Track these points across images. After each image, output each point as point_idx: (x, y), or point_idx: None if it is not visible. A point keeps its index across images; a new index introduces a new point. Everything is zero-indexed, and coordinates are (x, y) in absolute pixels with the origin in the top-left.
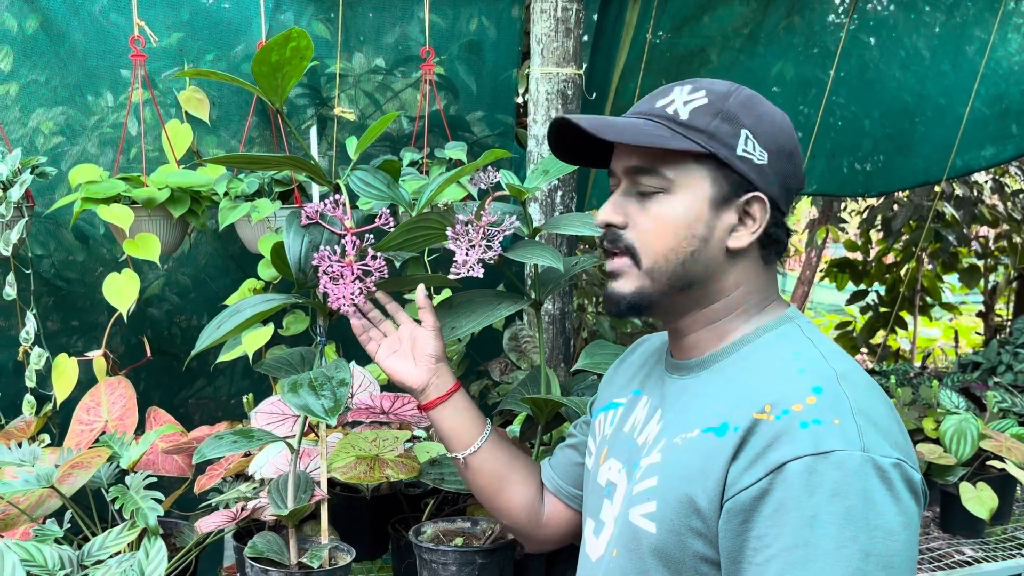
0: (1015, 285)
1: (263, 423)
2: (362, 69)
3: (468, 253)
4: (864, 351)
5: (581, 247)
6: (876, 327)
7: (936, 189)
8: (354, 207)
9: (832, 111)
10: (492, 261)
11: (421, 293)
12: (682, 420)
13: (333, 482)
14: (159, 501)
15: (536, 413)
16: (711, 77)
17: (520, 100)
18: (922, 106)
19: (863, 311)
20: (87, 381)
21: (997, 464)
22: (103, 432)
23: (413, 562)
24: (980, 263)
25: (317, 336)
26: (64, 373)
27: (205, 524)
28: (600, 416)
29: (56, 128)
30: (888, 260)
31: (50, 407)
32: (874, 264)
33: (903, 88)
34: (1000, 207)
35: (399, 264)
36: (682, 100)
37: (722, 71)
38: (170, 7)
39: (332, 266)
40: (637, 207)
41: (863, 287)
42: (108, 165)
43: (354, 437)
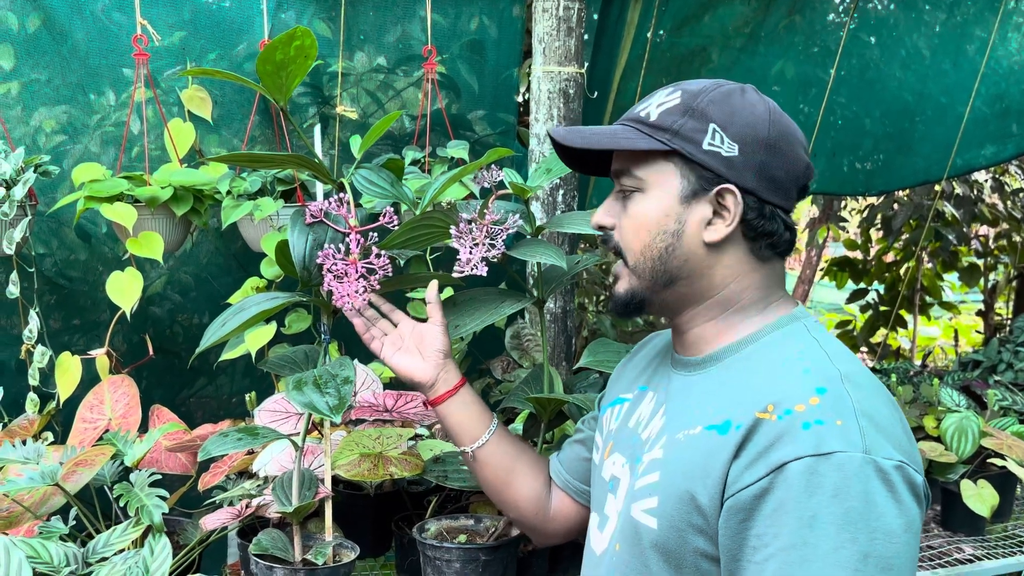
0: (1015, 284)
1: (267, 421)
2: (364, 68)
3: (472, 251)
4: (864, 350)
5: (582, 246)
6: (876, 326)
7: (936, 188)
8: (357, 205)
9: (833, 110)
10: (496, 259)
11: (432, 289)
12: (685, 416)
13: (336, 480)
14: (163, 498)
15: (539, 411)
16: (712, 76)
17: (520, 99)
18: (923, 105)
19: (863, 310)
20: (89, 379)
21: (998, 462)
22: (106, 430)
23: (416, 559)
24: (980, 262)
25: (321, 334)
26: (67, 371)
27: (209, 521)
28: (607, 411)
29: (58, 127)
30: (888, 259)
31: (53, 405)
32: (874, 263)
33: (904, 87)
34: (1000, 206)
35: (403, 262)
36: (657, 103)
37: (723, 70)
38: (172, 6)
39: (336, 264)
40: (621, 208)
41: (863, 286)
42: (110, 164)
43: (358, 435)
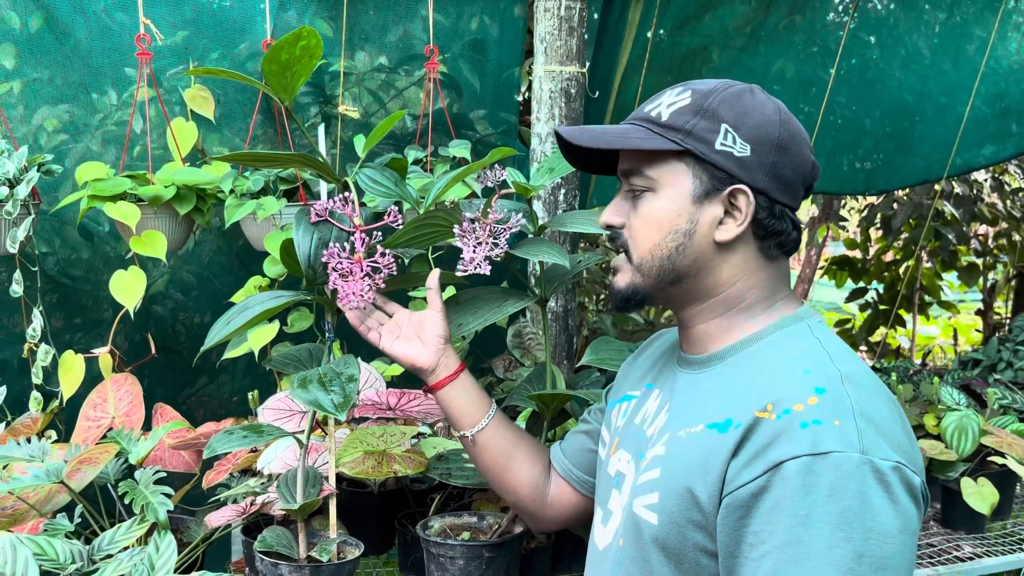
0: (1014, 283)
1: (270, 419)
2: (365, 67)
3: (475, 250)
4: (863, 349)
5: (581, 245)
6: (875, 325)
7: (936, 187)
8: (360, 204)
9: (833, 110)
10: (499, 258)
11: (433, 277)
12: (687, 414)
13: (340, 477)
14: (168, 496)
15: (542, 409)
16: (712, 76)
17: (520, 98)
18: (922, 105)
19: (862, 309)
20: (91, 378)
21: (998, 460)
22: (110, 428)
23: (419, 556)
24: (979, 261)
25: (326, 333)
26: (71, 370)
27: (215, 519)
28: (615, 408)
29: (60, 126)
30: (887, 258)
31: (56, 404)
32: (873, 262)
33: (904, 87)
34: (999, 205)
35: (408, 261)
36: (667, 103)
37: (723, 70)
38: (173, 5)
39: (342, 263)
40: (630, 207)
41: (862, 285)
42: (111, 163)
43: (361, 433)
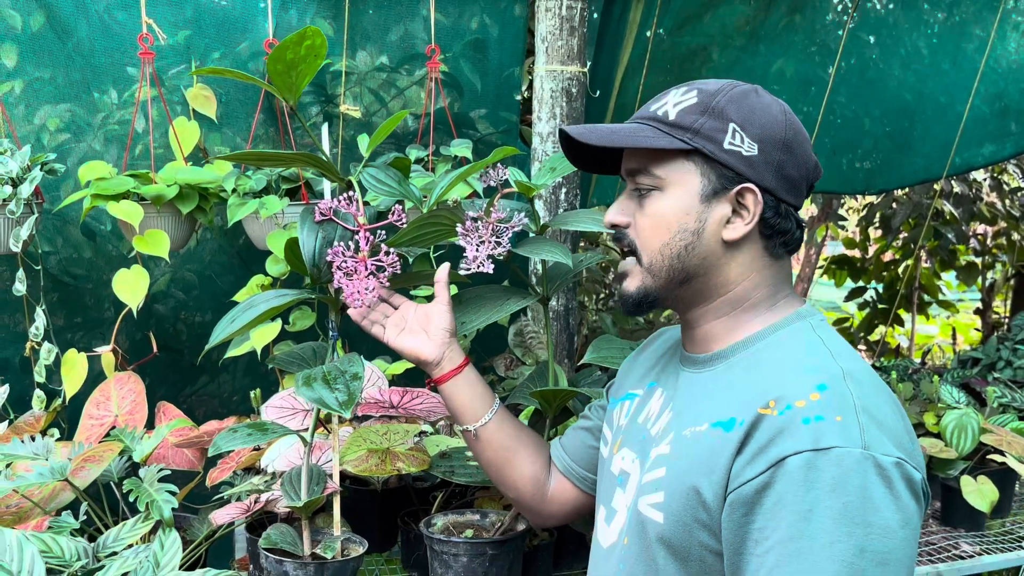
0: (1013, 282)
1: (273, 417)
2: (366, 67)
3: (478, 249)
4: (862, 348)
5: (582, 244)
6: (874, 324)
7: (935, 187)
8: (364, 203)
9: (832, 109)
10: (501, 257)
11: (443, 271)
12: (691, 413)
13: (343, 475)
14: (173, 493)
15: (544, 407)
16: (713, 76)
17: (520, 97)
18: (922, 104)
19: (861, 308)
20: (92, 377)
21: (997, 458)
22: (113, 427)
23: (422, 554)
24: (978, 260)
25: (329, 331)
26: (74, 368)
27: (219, 516)
28: (617, 406)
29: (61, 125)
30: (887, 257)
31: (59, 402)
32: (872, 261)
33: (903, 86)
34: (998, 205)
35: (411, 260)
36: (674, 102)
37: (723, 69)
38: (175, 5)
39: (346, 262)
40: (637, 207)
41: (861, 284)
42: (113, 162)
43: (365, 431)
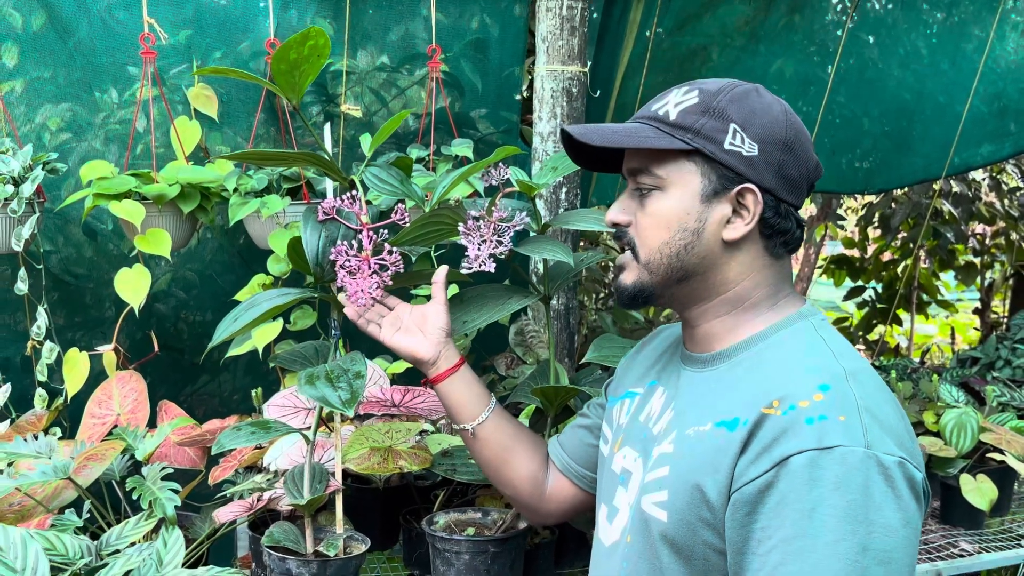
0: (1012, 282)
1: (275, 416)
2: (367, 67)
3: (480, 248)
4: (861, 347)
5: (582, 244)
6: (872, 323)
7: (934, 186)
8: (367, 202)
9: (832, 109)
10: (503, 256)
11: (441, 272)
12: (695, 412)
13: (345, 473)
14: (176, 491)
15: (546, 405)
16: (712, 75)
17: (520, 97)
18: (921, 104)
19: (859, 307)
20: (93, 376)
21: (997, 456)
22: (115, 425)
23: (424, 552)
24: (977, 260)
25: (332, 330)
26: (75, 367)
27: (222, 514)
28: (617, 405)
29: (63, 124)
30: (885, 257)
31: (61, 401)
32: (872, 261)
33: (902, 86)
34: (997, 204)
35: (414, 259)
36: (675, 102)
37: (723, 69)
38: (175, 4)
39: (349, 260)
40: (638, 205)
41: (860, 284)
42: (114, 161)
43: (367, 429)
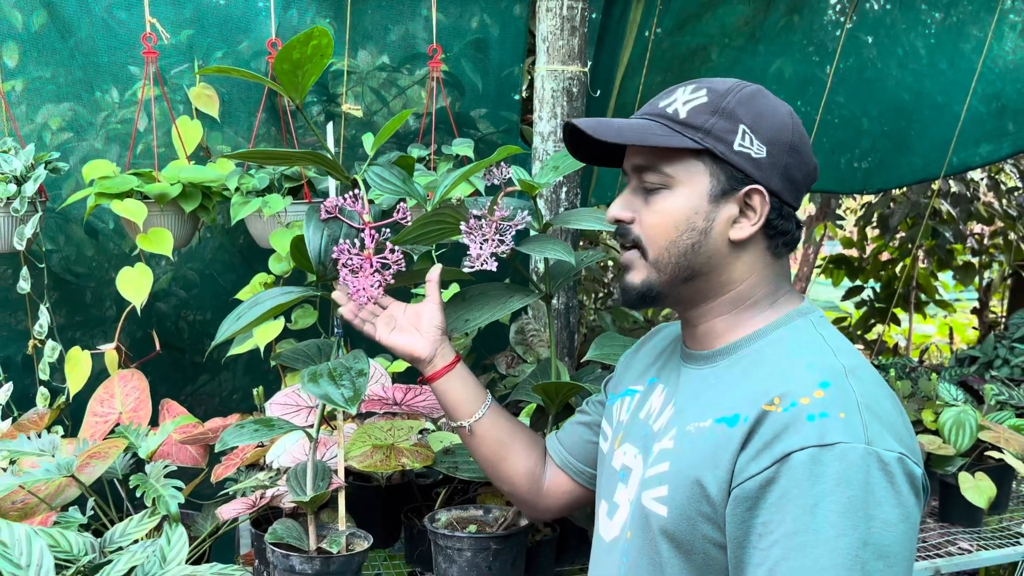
0: (1010, 281)
1: (277, 414)
2: (367, 66)
3: (482, 247)
4: (859, 346)
5: (582, 243)
6: (871, 323)
7: (933, 186)
8: (369, 201)
9: (830, 109)
10: (504, 255)
11: (434, 271)
12: (695, 409)
13: (347, 471)
14: (179, 489)
15: (547, 403)
16: (712, 75)
17: (519, 97)
18: (920, 104)
19: (858, 307)
20: (94, 375)
21: (995, 455)
22: (117, 423)
23: (426, 549)
24: (975, 260)
25: (334, 328)
26: (77, 366)
27: (225, 511)
28: (617, 402)
29: (64, 124)
30: (884, 257)
31: (63, 399)
32: (870, 261)
33: (901, 86)
34: (995, 204)
35: (416, 258)
36: (683, 100)
37: (722, 69)
38: (176, 4)
39: (352, 259)
40: (643, 203)
41: (858, 283)
42: (115, 161)
43: (370, 427)
